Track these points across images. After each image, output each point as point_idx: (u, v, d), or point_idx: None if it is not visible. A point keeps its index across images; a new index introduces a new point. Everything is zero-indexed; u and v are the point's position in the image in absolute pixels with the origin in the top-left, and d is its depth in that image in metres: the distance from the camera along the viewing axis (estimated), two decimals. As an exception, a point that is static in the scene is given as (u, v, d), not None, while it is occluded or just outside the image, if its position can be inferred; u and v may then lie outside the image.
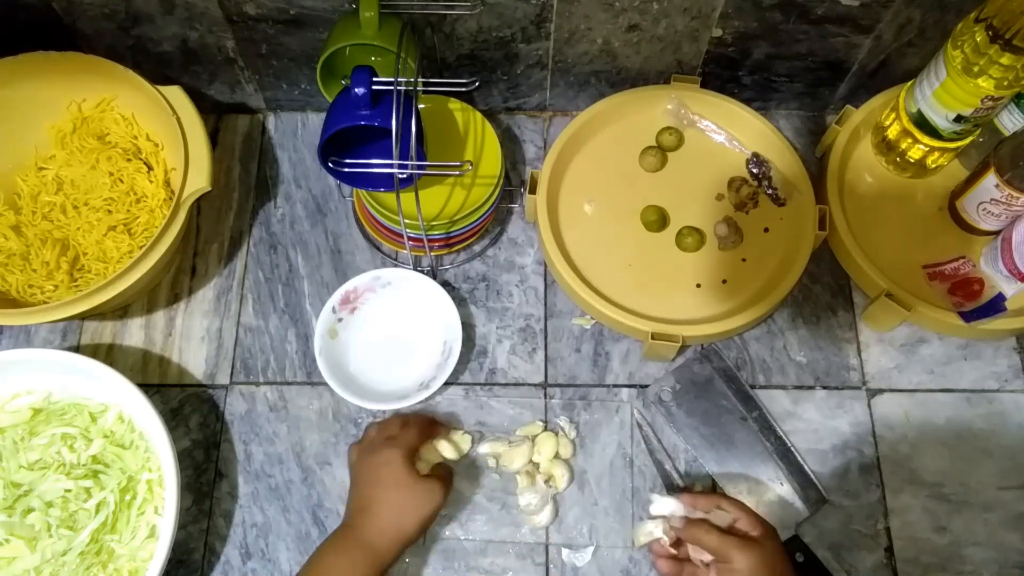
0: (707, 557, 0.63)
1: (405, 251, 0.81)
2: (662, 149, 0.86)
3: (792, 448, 0.76)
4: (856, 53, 0.83)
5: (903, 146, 0.82)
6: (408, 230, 0.77)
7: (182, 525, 0.75)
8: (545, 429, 0.77)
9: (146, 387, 0.73)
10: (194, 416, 0.79)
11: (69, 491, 0.71)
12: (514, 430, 0.78)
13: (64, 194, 0.84)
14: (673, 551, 0.66)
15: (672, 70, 0.86)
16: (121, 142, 0.85)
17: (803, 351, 0.81)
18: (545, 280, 0.85)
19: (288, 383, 0.81)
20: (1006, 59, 0.69)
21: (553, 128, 0.92)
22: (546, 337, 0.82)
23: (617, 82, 0.88)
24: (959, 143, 0.80)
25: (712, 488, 0.75)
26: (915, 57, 0.83)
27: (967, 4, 0.74)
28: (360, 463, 0.70)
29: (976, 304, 0.78)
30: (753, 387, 0.79)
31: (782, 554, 0.62)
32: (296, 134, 0.92)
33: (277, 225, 0.88)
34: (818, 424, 0.78)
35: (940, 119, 0.77)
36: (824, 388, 0.79)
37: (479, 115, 0.82)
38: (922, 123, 0.78)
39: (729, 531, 0.63)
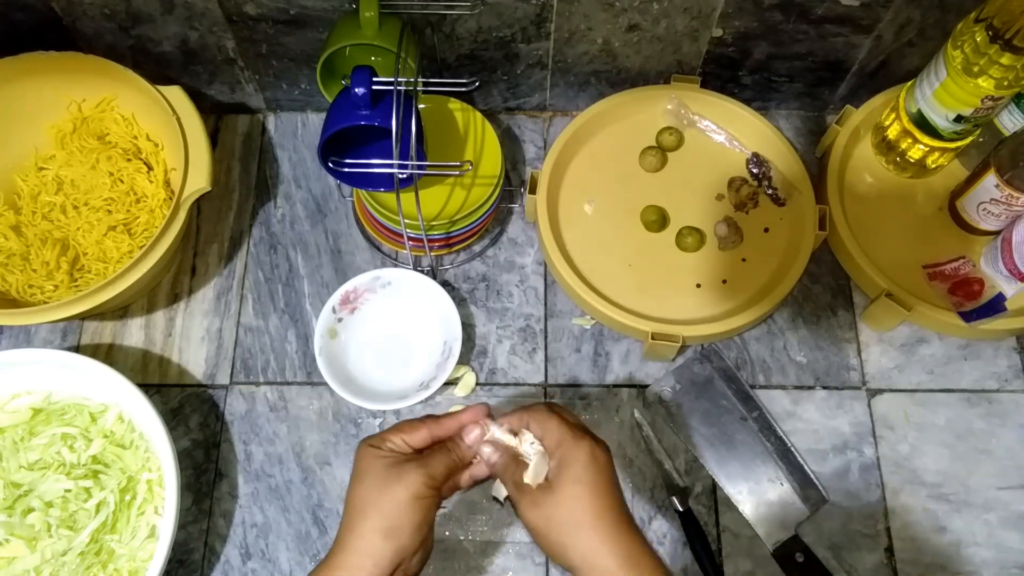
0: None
1: (405, 251, 0.81)
2: (662, 149, 0.86)
3: (792, 448, 0.76)
4: (856, 53, 0.83)
5: (903, 146, 0.82)
6: (408, 230, 0.77)
7: (182, 525, 0.75)
8: (545, 429, 0.77)
9: (146, 387, 0.73)
10: (194, 416, 0.79)
11: (69, 491, 0.71)
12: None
13: (64, 194, 0.84)
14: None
15: (672, 70, 0.86)
16: (121, 142, 0.85)
17: (803, 351, 0.81)
18: (545, 280, 0.85)
19: (288, 383, 0.81)
20: (1006, 59, 0.69)
21: (553, 128, 0.92)
22: (546, 337, 0.82)
23: (617, 82, 0.88)
24: (959, 143, 0.80)
25: (712, 489, 0.75)
26: (915, 57, 0.83)
27: (967, 4, 0.75)
28: None
29: (976, 304, 0.78)
30: (753, 387, 0.79)
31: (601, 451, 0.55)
32: (296, 134, 0.92)
33: (277, 225, 0.88)
34: (818, 424, 0.78)
35: (940, 119, 0.77)
36: (824, 388, 0.79)
37: (479, 115, 0.82)
38: (922, 123, 0.78)
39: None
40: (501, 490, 0.59)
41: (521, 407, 0.60)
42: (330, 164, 0.71)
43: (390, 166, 0.68)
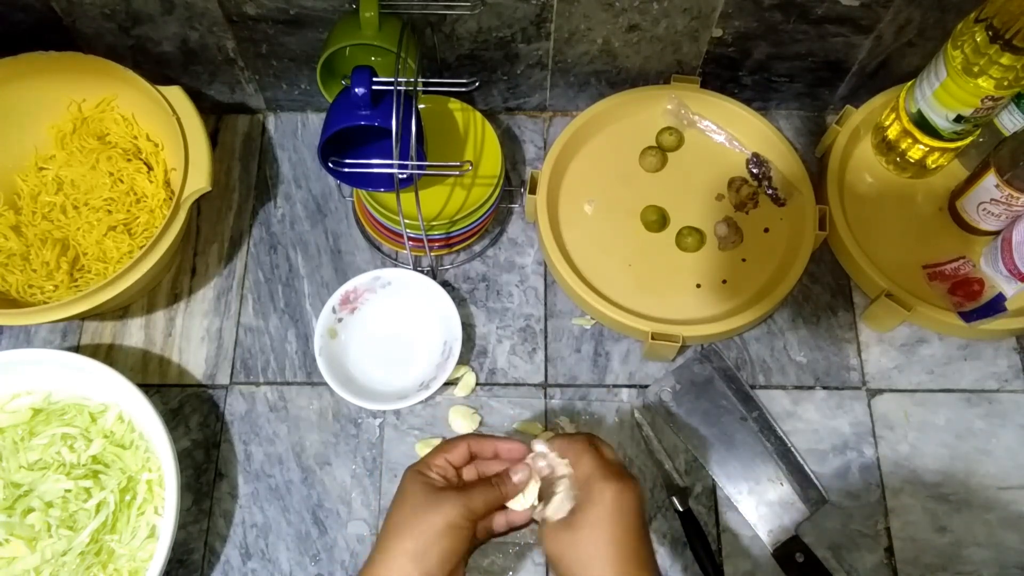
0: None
1: (405, 251, 0.81)
2: (662, 149, 0.86)
3: (792, 448, 0.76)
4: (856, 53, 0.83)
5: (903, 146, 0.82)
6: (408, 230, 0.77)
7: (182, 525, 0.75)
8: (545, 429, 0.78)
9: (146, 387, 0.73)
10: (194, 416, 0.79)
11: (69, 491, 0.71)
12: (513, 429, 0.78)
13: (64, 194, 0.83)
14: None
15: (672, 70, 0.86)
16: (121, 142, 0.85)
17: (803, 351, 0.81)
18: (545, 280, 0.85)
19: (288, 383, 0.81)
20: (1006, 59, 0.69)
21: (553, 128, 0.92)
22: (546, 337, 0.82)
23: (617, 82, 0.88)
24: (959, 143, 0.80)
25: (712, 489, 0.75)
26: (915, 57, 0.83)
27: (967, 4, 0.74)
28: None
29: (976, 304, 0.78)
30: (753, 387, 0.79)
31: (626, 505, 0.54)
32: (296, 134, 0.92)
33: (277, 225, 0.88)
34: (818, 424, 0.78)
35: (940, 119, 0.77)
36: (824, 388, 0.79)
37: (479, 115, 0.82)
38: (922, 123, 0.78)
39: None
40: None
41: (563, 435, 0.60)
42: (330, 164, 0.71)
43: (390, 166, 0.68)
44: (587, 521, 0.53)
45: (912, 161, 0.83)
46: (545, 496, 0.58)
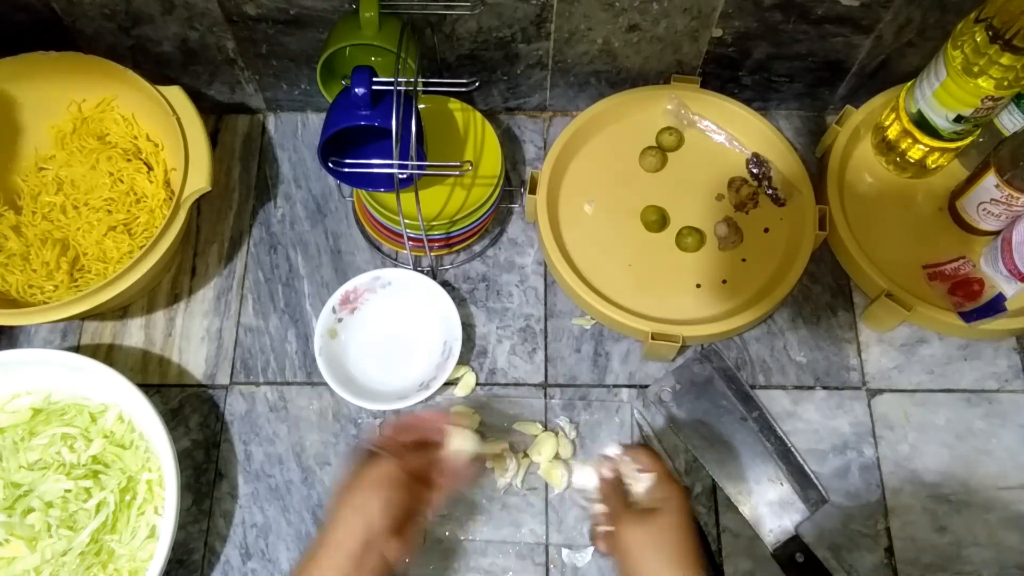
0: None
1: (405, 251, 0.81)
2: (662, 149, 0.86)
3: (792, 448, 0.76)
4: (856, 53, 0.83)
5: (903, 146, 0.82)
6: (408, 230, 0.77)
7: (182, 525, 0.75)
8: (545, 429, 0.78)
9: (146, 387, 0.73)
10: (194, 416, 0.79)
11: (69, 491, 0.71)
12: (512, 428, 0.78)
13: (64, 194, 0.84)
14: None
15: (672, 70, 0.86)
16: (121, 142, 0.85)
17: (803, 351, 0.81)
18: (545, 280, 0.85)
19: (288, 383, 0.81)
20: (1006, 59, 0.69)
21: (553, 128, 0.92)
22: (546, 337, 0.82)
23: (617, 82, 0.88)
24: (959, 143, 0.80)
25: (712, 489, 0.75)
26: (915, 57, 0.83)
27: (967, 4, 0.75)
28: None
29: (976, 304, 0.78)
30: (753, 387, 0.79)
31: (678, 525, 0.60)
32: (296, 134, 0.92)
33: (277, 225, 0.88)
34: (818, 424, 0.78)
35: (940, 119, 0.77)
36: (824, 388, 0.79)
37: (479, 115, 0.82)
38: (922, 123, 0.78)
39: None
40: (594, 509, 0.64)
41: (634, 445, 0.66)
42: (330, 164, 0.71)
43: (390, 166, 0.68)
44: (670, 510, 0.59)
45: (912, 161, 0.83)
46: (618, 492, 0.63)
